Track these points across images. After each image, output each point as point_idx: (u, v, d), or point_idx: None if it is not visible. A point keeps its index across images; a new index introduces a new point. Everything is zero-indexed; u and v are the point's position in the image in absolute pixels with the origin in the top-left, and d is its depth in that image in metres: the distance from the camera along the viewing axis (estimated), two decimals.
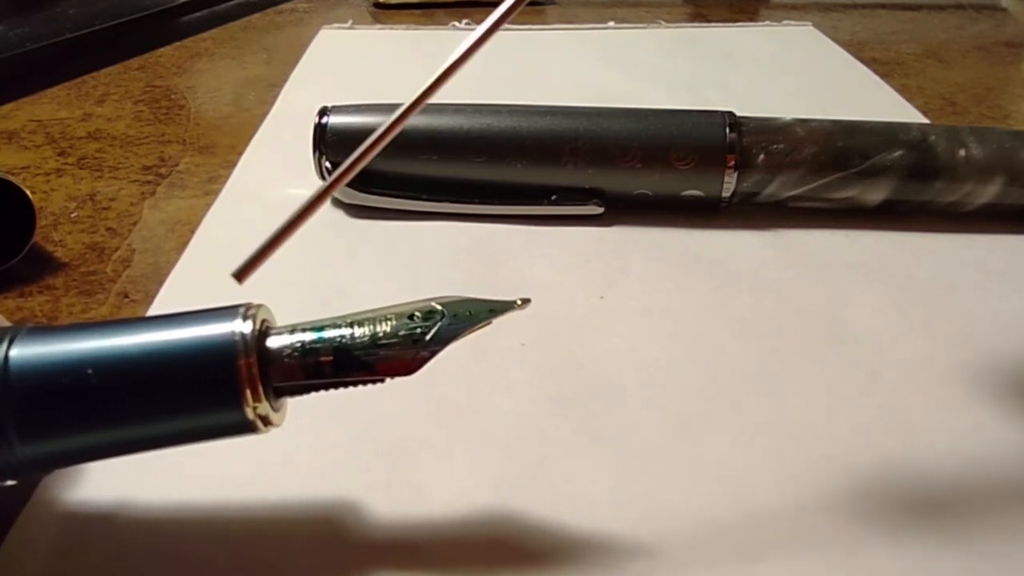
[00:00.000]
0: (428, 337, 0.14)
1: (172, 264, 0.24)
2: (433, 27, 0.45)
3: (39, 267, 0.25)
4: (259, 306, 0.15)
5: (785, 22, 0.45)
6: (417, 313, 0.15)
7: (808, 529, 0.16)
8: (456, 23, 0.44)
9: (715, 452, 0.18)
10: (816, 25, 0.44)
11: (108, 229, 0.27)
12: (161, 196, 0.28)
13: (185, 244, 0.25)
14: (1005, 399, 0.20)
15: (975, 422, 0.19)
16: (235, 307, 0.15)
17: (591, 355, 0.21)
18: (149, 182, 0.29)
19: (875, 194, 0.26)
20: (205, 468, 0.18)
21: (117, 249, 0.26)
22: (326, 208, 0.26)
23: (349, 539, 0.16)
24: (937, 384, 0.20)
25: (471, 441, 0.18)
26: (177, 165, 0.31)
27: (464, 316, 0.15)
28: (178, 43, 0.43)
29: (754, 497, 0.17)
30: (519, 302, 0.15)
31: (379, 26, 0.45)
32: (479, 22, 0.17)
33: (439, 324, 0.15)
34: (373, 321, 0.15)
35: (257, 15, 0.48)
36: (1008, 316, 0.23)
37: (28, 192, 0.24)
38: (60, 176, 0.30)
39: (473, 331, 0.15)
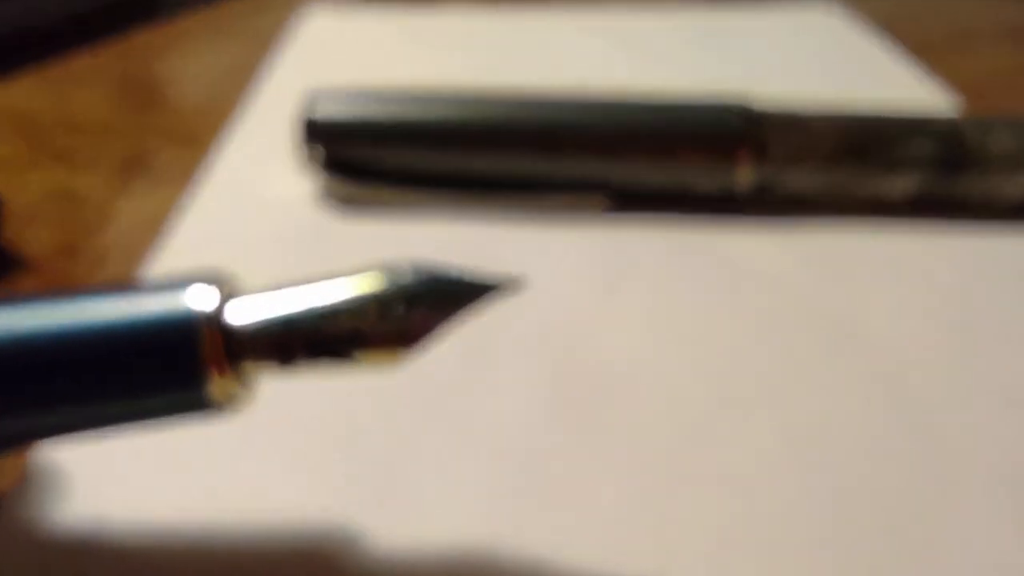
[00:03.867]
0: (410, 332, 0.13)
1: (149, 262, 0.23)
2: (423, 8, 0.43)
3: (8, 266, 0.23)
4: (225, 274, 0.14)
5: (808, 1, 0.43)
6: (399, 302, 0.13)
7: (823, 536, 0.16)
8: (453, 5, 0.43)
9: (724, 457, 0.18)
10: (839, 5, 0.42)
11: (82, 225, 0.25)
12: (138, 190, 0.27)
13: (163, 240, 0.24)
14: None
15: (1004, 430, 0.18)
16: (197, 274, 0.14)
17: (595, 356, 0.20)
18: (125, 175, 0.28)
19: (900, 188, 0.25)
20: (190, 483, 0.17)
21: (92, 247, 0.24)
22: (316, 204, 0.26)
23: (343, 547, 0.16)
24: (962, 392, 0.19)
25: (469, 444, 0.18)
26: (155, 157, 0.29)
27: (447, 300, 0.14)
28: (156, 27, 0.42)
29: (765, 502, 0.17)
30: (508, 283, 0.14)
31: (369, 7, 0.44)
32: (471, 4, 0.15)
33: (422, 315, 0.13)
34: (351, 304, 0.13)
35: None
36: None
37: None
38: (32, 169, 0.29)
39: (457, 319, 0.14)
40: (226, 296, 0.13)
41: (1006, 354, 0.20)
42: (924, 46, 0.38)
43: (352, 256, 0.23)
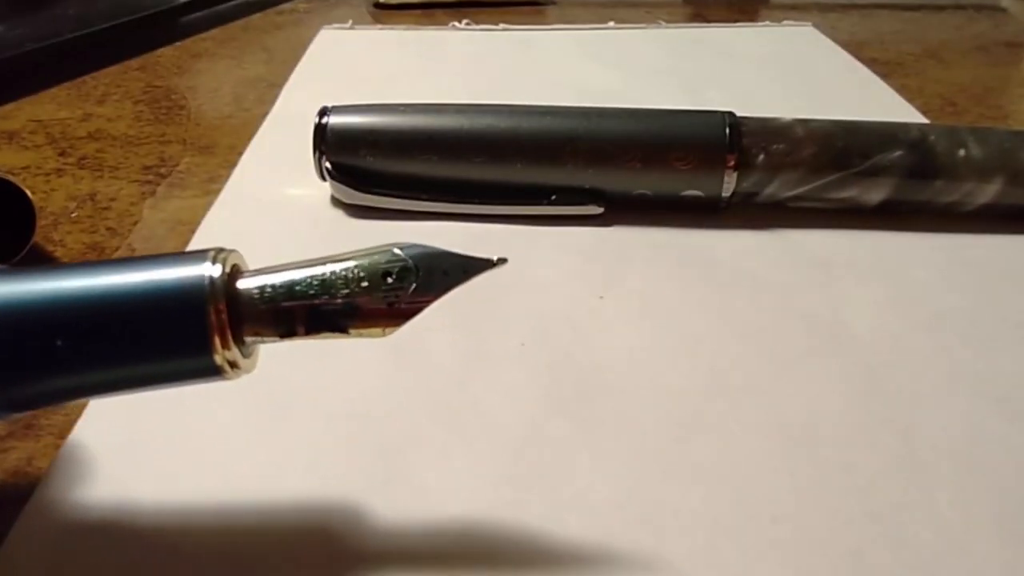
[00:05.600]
0: (404, 301, 0.14)
1: None
2: (433, 27, 0.45)
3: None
4: (231, 251, 0.15)
5: (785, 22, 0.45)
6: (392, 273, 0.14)
7: (809, 530, 0.16)
8: (456, 23, 0.44)
9: (715, 453, 0.18)
10: (816, 25, 0.44)
11: (108, 229, 0.27)
12: (161, 196, 0.28)
13: (185, 244, 0.25)
14: (1007, 399, 0.20)
15: (977, 422, 0.19)
16: (205, 251, 0.14)
17: (591, 355, 0.21)
18: (149, 182, 0.29)
19: (875, 194, 0.26)
20: (204, 468, 0.18)
21: (117, 249, 0.26)
22: (326, 208, 0.27)
23: (347, 540, 0.16)
24: (938, 385, 0.20)
25: (470, 441, 0.18)
26: (177, 165, 0.31)
27: (439, 275, 0.15)
28: (178, 43, 0.43)
29: (754, 498, 0.17)
30: (495, 260, 0.15)
31: (379, 26, 0.45)
32: (479, 22, 0.17)
33: (414, 285, 0.14)
34: (348, 280, 0.14)
35: (257, 15, 0.48)
36: (1009, 316, 0.22)
37: (28, 192, 0.23)
38: (60, 176, 0.30)
39: (448, 292, 0.15)
40: (231, 271, 0.14)
41: (979, 350, 0.21)
42: (896, 62, 0.40)
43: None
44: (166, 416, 0.19)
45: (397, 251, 0.15)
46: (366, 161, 0.26)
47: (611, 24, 0.45)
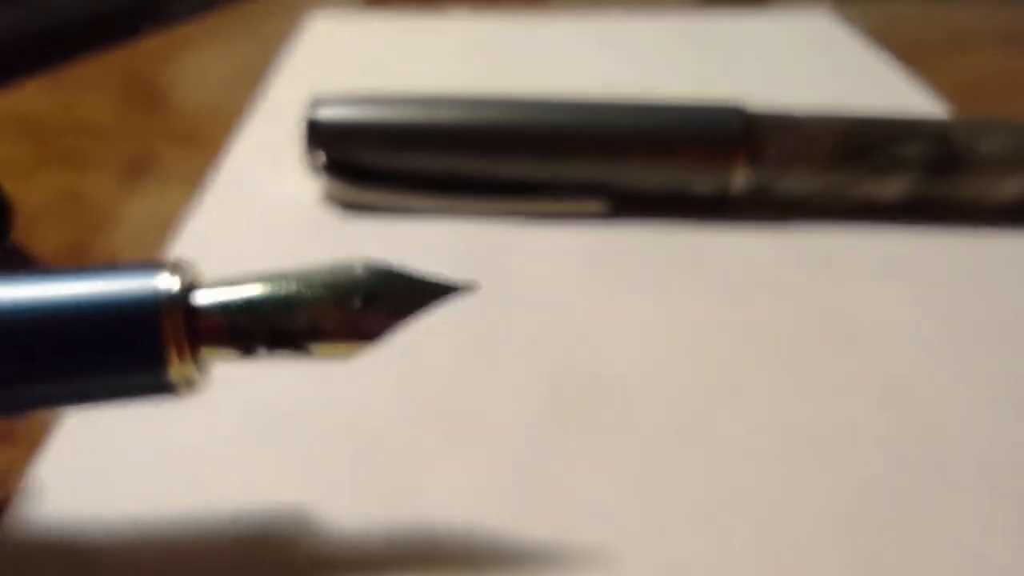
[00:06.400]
0: (369, 323, 0.14)
1: None
2: (426, 14, 0.44)
3: (17, 265, 0.24)
4: (188, 262, 0.14)
5: (799, 8, 0.44)
6: (358, 293, 0.14)
7: (822, 535, 0.16)
8: (453, 10, 0.43)
9: (723, 457, 0.18)
10: (832, 11, 0.43)
11: (89, 225, 0.26)
12: (144, 191, 0.28)
13: (170, 241, 0.24)
14: None
15: (999, 426, 0.18)
16: (161, 261, 0.14)
17: (594, 356, 0.20)
18: (132, 176, 0.28)
19: (893, 190, 0.25)
20: (193, 478, 0.17)
21: (99, 246, 0.25)
22: (316, 204, 0.26)
23: (341, 550, 0.16)
24: (958, 387, 0.19)
25: (470, 444, 0.18)
26: (162, 159, 0.30)
27: (406, 298, 0.14)
28: (162, 32, 0.42)
29: (763, 501, 0.17)
30: (464, 285, 0.14)
31: (372, 13, 0.44)
32: (472, 9, 0.16)
33: (380, 307, 0.14)
34: (312, 299, 0.14)
35: (245, 3, 0.47)
36: None
37: (4, 187, 0.23)
38: (39, 170, 0.29)
39: (414, 316, 0.14)
40: (189, 283, 0.14)
41: (1000, 353, 0.21)
42: (916, 51, 0.39)
43: (353, 255, 0.24)
44: (153, 426, 0.18)
45: (364, 270, 0.14)
46: (358, 155, 0.25)
47: (617, 11, 0.44)
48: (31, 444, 0.18)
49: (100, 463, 0.17)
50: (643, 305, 0.22)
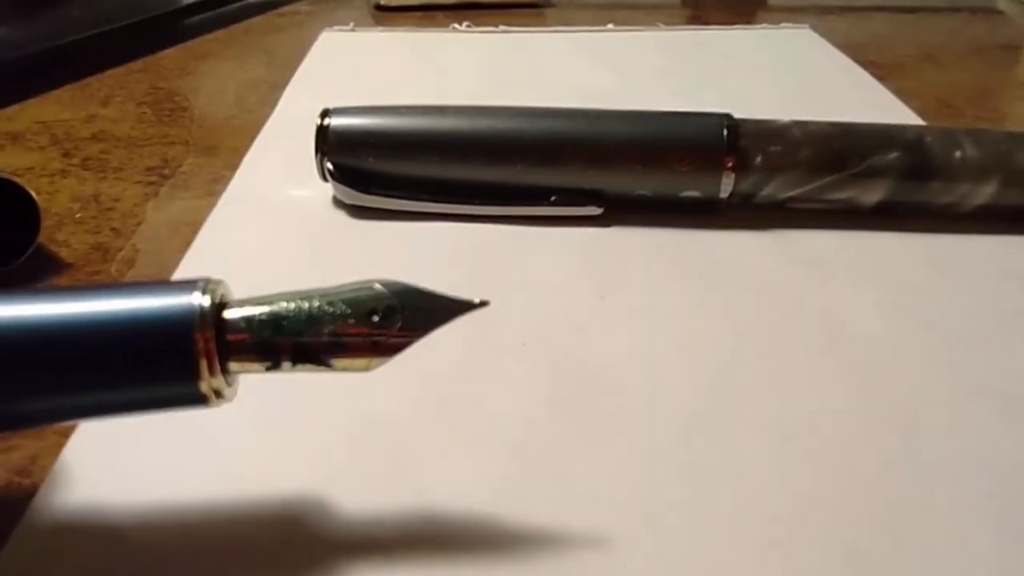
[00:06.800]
0: (389, 338, 0.15)
1: (176, 264, 0.25)
2: (434, 30, 0.45)
3: (43, 267, 0.25)
4: (218, 281, 0.15)
5: (782, 24, 0.45)
6: (378, 310, 0.15)
7: (809, 530, 0.16)
8: (456, 25, 0.45)
9: (715, 453, 0.18)
10: (813, 27, 0.44)
11: (112, 230, 0.27)
12: (164, 197, 0.29)
13: (188, 244, 0.25)
14: (1006, 400, 0.20)
15: (977, 423, 0.19)
16: (193, 280, 0.15)
17: (591, 355, 0.21)
18: (153, 183, 0.30)
19: (872, 195, 0.26)
20: (202, 468, 0.18)
21: (121, 249, 0.26)
22: (328, 209, 0.27)
23: (348, 539, 0.16)
24: (937, 385, 0.20)
25: (471, 442, 0.18)
26: (180, 166, 0.31)
27: (423, 314, 0.15)
28: (181, 45, 0.43)
29: (754, 498, 0.17)
30: (478, 301, 0.15)
31: (380, 28, 0.45)
32: (479, 24, 0.17)
33: (400, 323, 0.15)
34: (335, 316, 0.15)
35: (259, 17, 0.48)
36: (1007, 316, 0.23)
37: (32, 193, 0.24)
38: (64, 177, 0.30)
39: (431, 331, 0.15)
40: (220, 301, 0.15)
41: (977, 350, 0.21)
42: (892, 64, 0.40)
43: (362, 258, 0.25)
44: (171, 418, 0.18)
45: (384, 288, 0.15)
46: (367, 162, 0.26)
47: (610, 26, 0.45)
48: (58, 434, 0.19)
49: (122, 451, 0.18)
50: (636, 304, 0.23)
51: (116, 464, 0.18)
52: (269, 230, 0.26)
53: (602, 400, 0.20)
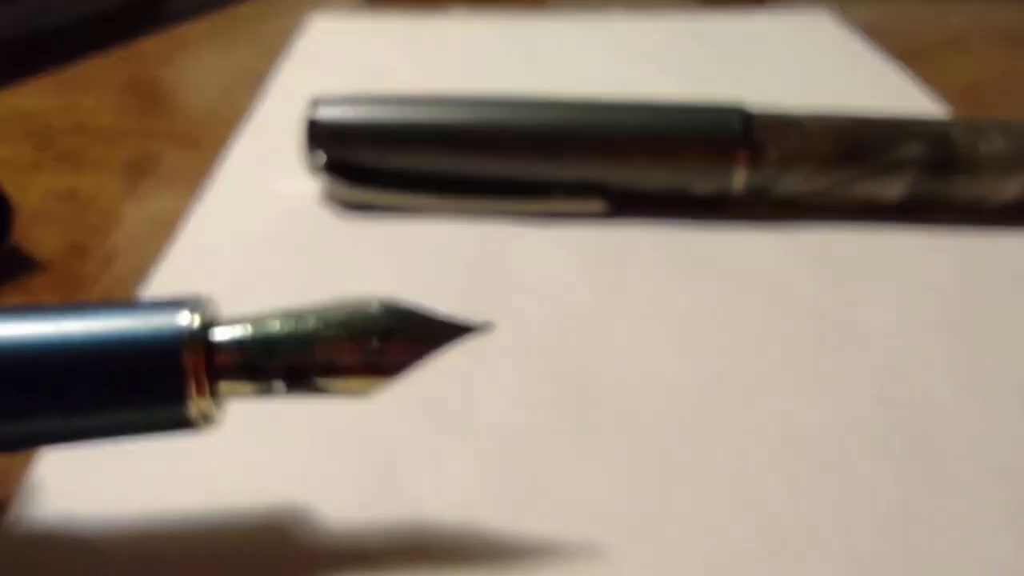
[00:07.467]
0: (386, 362, 0.14)
1: (157, 263, 0.23)
2: (426, 15, 0.44)
3: (16, 266, 0.24)
4: (206, 299, 0.14)
5: (798, 8, 0.44)
6: (374, 336, 0.14)
7: (818, 536, 0.16)
8: (454, 10, 0.43)
9: (721, 457, 0.18)
10: (831, 11, 0.43)
11: (89, 227, 0.26)
12: (145, 192, 0.28)
13: (170, 242, 0.24)
14: None
15: (996, 428, 0.18)
16: (181, 300, 0.14)
17: (594, 356, 0.20)
18: (133, 177, 0.28)
19: (893, 190, 0.25)
20: (182, 479, 0.17)
21: (99, 247, 0.25)
22: (317, 205, 0.26)
23: (341, 548, 0.16)
24: (956, 388, 0.19)
25: (467, 445, 0.18)
26: (162, 159, 0.30)
27: (423, 337, 0.15)
28: (164, 33, 0.42)
29: (762, 502, 0.17)
30: (480, 325, 0.15)
31: (372, 14, 0.44)
32: (473, 10, 0.16)
33: (397, 346, 0.14)
34: (330, 340, 0.14)
35: (246, 4, 0.47)
36: None
37: (4, 190, 0.23)
38: (39, 171, 0.29)
39: (431, 355, 0.14)
40: (208, 321, 0.14)
41: (999, 352, 0.21)
42: (915, 51, 0.39)
43: (354, 257, 0.24)
44: None
45: (381, 309, 0.14)
46: (359, 155, 0.25)
47: (616, 11, 0.44)
48: None
49: (99, 461, 0.17)
50: (642, 303, 0.22)
51: (91, 476, 0.17)
52: (255, 227, 0.25)
53: (604, 402, 0.19)
